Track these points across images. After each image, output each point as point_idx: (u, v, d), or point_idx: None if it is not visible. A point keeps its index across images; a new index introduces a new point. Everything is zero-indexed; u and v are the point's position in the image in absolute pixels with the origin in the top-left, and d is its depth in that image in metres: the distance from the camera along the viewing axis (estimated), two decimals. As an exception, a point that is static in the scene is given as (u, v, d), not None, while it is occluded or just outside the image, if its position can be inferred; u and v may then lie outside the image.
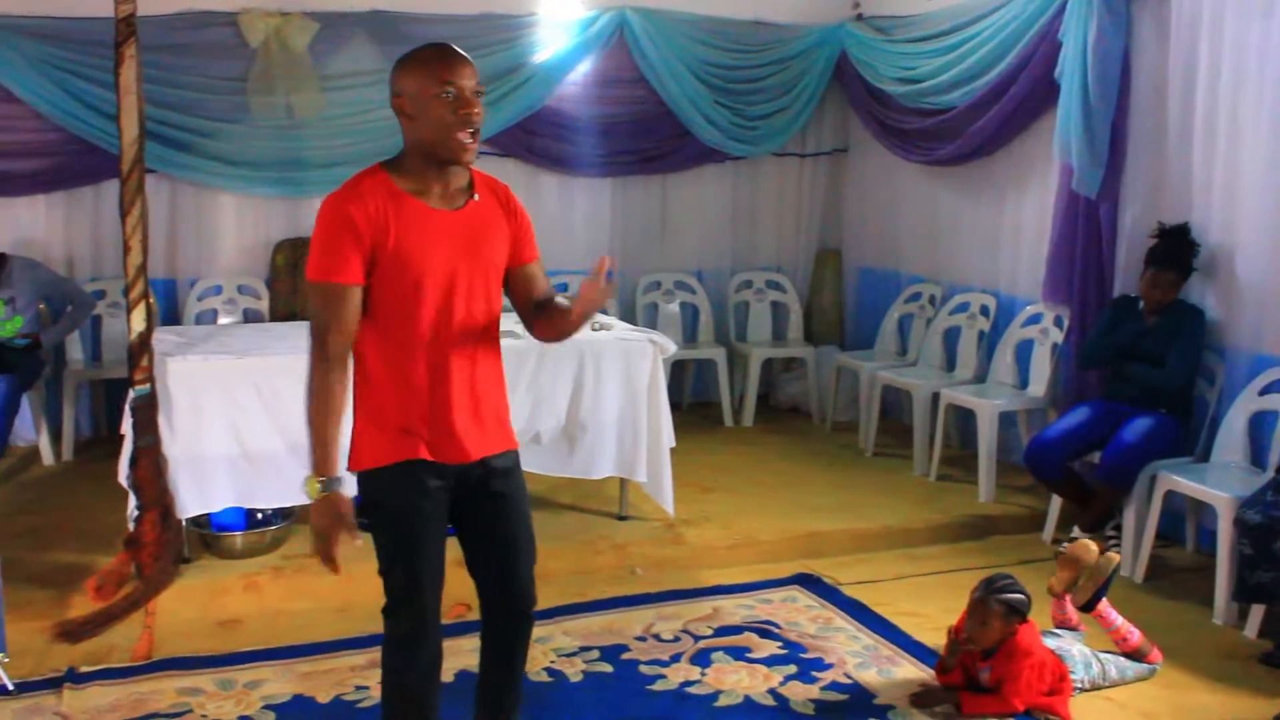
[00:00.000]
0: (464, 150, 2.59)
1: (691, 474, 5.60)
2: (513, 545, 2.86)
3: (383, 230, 2.58)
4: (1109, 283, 5.35)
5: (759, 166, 7.43)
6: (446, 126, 2.56)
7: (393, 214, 2.59)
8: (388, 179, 2.63)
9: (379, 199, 2.59)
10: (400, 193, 2.62)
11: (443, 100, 2.54)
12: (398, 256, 2.59)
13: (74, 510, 5.19)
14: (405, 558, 2.75)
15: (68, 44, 5.93)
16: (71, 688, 3.64)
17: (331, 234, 2.58)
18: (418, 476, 2.68)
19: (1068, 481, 5.02)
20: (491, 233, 2.73)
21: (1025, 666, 3.53)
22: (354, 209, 2.56)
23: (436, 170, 2.65)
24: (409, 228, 2.60)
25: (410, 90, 2.58)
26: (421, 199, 2.64)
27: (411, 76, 2.59)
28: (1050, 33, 5.43)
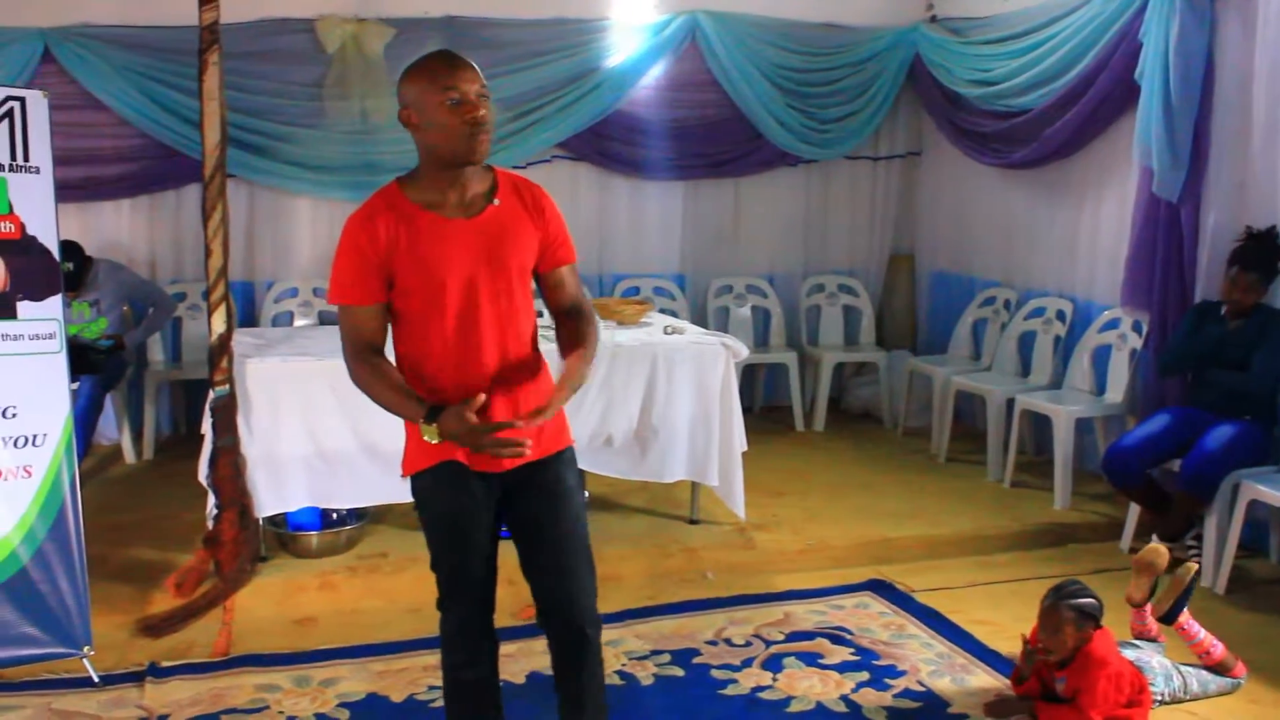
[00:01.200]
0: (474, 151, 2.59)
1: (762, 478, 5.58)
2: (567, 566, 2.84)
3: (392, 249, 2.60)
4: (1190, 288, 5.24)
5: (831, 170, 7.39)
6: (453, 130, 2.56)
7: (403, 231, 2.61)
8: (400, 195, 2.65)
9: (388, 219, 2.61)
10: (412, 207, 2.63)
11: (448, 106, 2.55)
12: (413, 271, 2.61)
13: (155, 508, 5.30)
14: (450, 554, 2.80)
15: (152, 52, 6.07)
16: (153, 682, 3.72)
17: (347, 256, 2.63)
18: (458, 475, 2.71)
19: (1147, 489, 4.93)
20: (514, 236, 2.71)
21: (1101, 677, 3.46)
22: (362, 233, 2.60)
23: (451, 177, 2.64)
24: (421, 241, 2.61)
25: (414, 100, 2.59)
26: (435, 210, 2.64)
27: (413, 86, 2.60)
28: (1130, 33, 5.34)
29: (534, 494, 2.80)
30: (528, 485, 2.78)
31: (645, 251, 7.05)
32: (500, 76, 6.47)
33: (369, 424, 4.54)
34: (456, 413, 2.50)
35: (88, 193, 6.20)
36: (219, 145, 4.23)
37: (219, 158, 4.24)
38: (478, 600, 2.85)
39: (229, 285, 4.35)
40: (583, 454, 4.14)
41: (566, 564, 2.84)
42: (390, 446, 4.50)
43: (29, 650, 3.65)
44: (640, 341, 4.92)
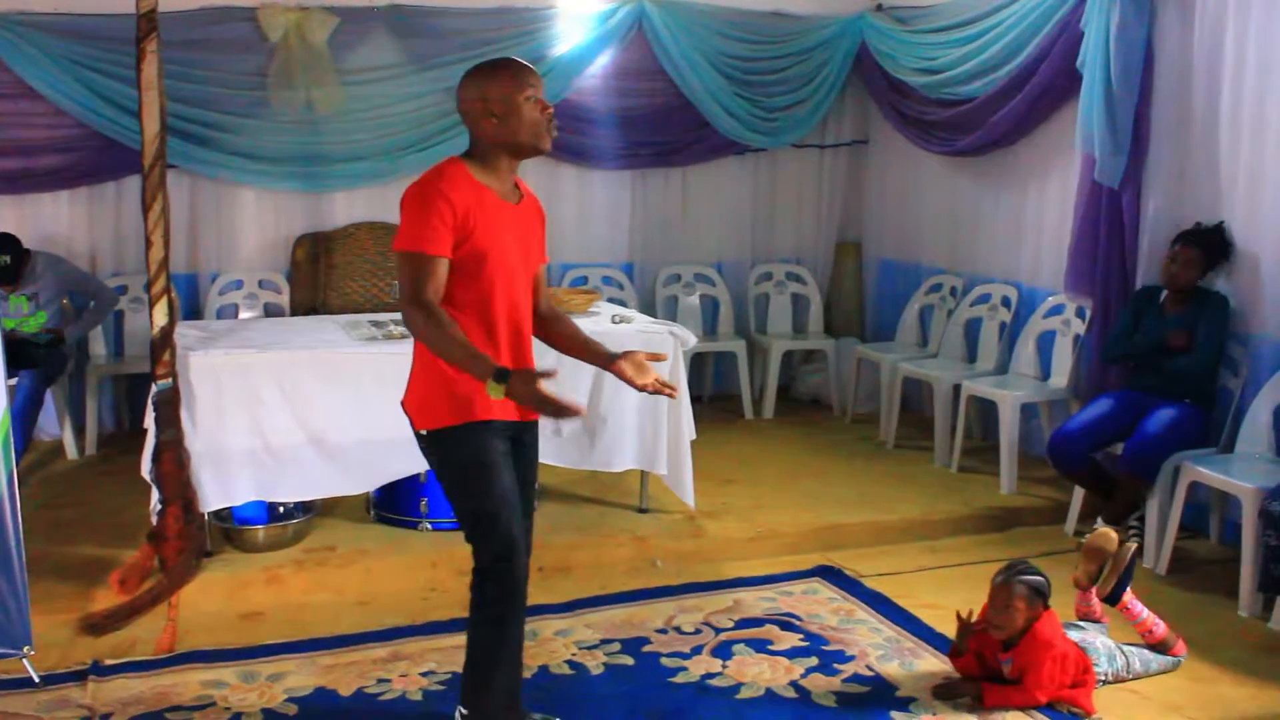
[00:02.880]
0: (548, 140, 2.99)
1: (712, 466, 5.59)
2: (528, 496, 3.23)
3: (467, 214, 2.90)
4: (1131, 273, 5.31)
5: (779, 158, 7.41)
6: (535, 123, 2.96)
7: (475, 201, 2.93)
8: (467, 171, 2.98)
9: (465, 187, 2.94)
10: (478, 184, 2.97)
11: (532, 103, 2.95)
12: (475, 239, 2.92)
13: (97, 504, 5.22)
14: (485, 498, 3.00)
15: (89, 40, 5.96)
16: (96, 680, 3.66)
17: (425, 211, 2.88)
18: (484, 428, 2.99)
19: (1090, 473, 4.99)
20: (535, 227, 3.15)
21: (1047, 658, 3.51)
22: (447, 190, 2.89)
23: (510, 166, 3.03)
24: (486, 215, 2.95)
25: (497, 95, 2.94)
26: (494, 190, 3.00)
27: (498, 84, 2.95)
28: (1072, 22, 5.39)
29: (523, 450, 3.17)
30: (520, 442, 3.14)
31: (593, 240, 7.04)
32: (446, 65, 6.43)
33: (315, 416, 4.52)
34: (529, 377, 2.77)
35: (25, 184, 6.08)
36: (159, 135, 4.17)
37: (159, 148, 4.17)
38: (514, 531, 3.01)
39: (171, 277, 4.29)
40: (531, 444, 4.13)
41: (530, 511, 3.23)
42: (337, 439, 4.52)
43: (-33, 650, 3.59)
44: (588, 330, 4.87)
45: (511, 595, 3.04)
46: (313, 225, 6.61)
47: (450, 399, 2.97)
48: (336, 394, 4.52)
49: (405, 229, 2.90)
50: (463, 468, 3.02)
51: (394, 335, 4.76)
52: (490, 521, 3.00)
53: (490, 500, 2.99)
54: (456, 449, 3.01)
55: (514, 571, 3.02)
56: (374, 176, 6.54)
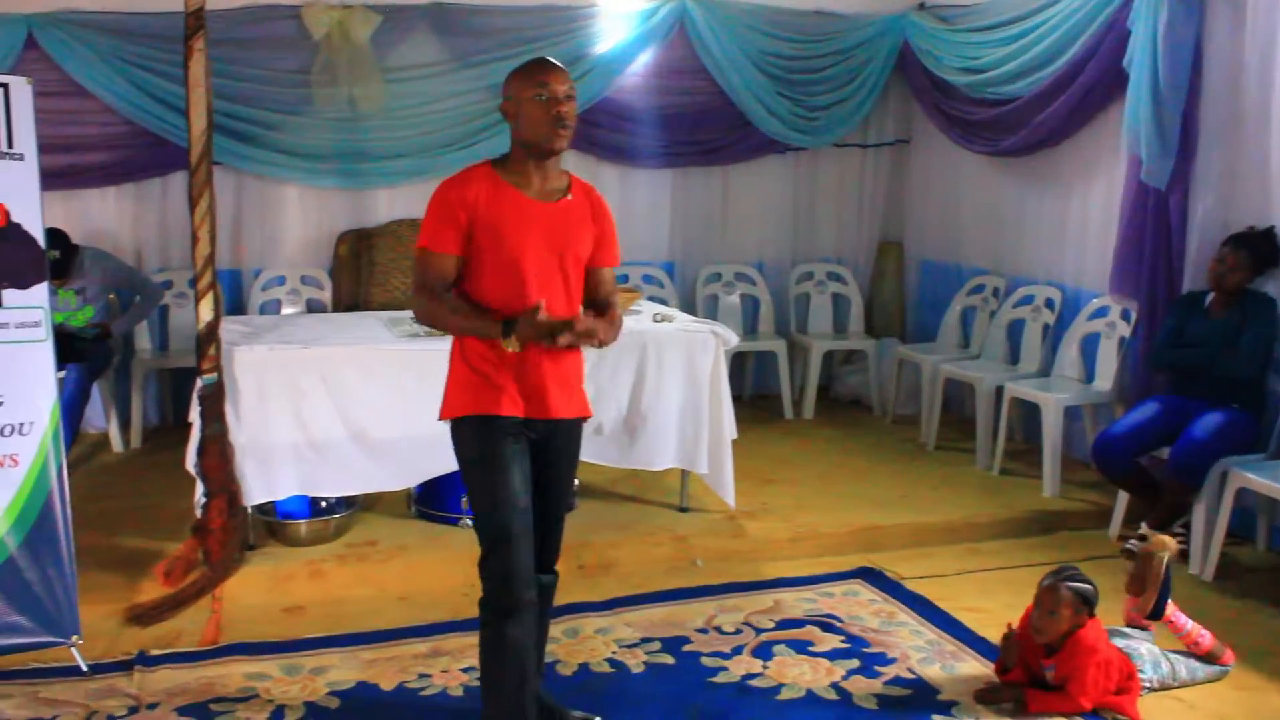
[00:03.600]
0: (556, 139, 2.95)
1: (752, 466, 5.58)
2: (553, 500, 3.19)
3: (476, 209, 2.96)
4: (1178, 276, 5.25)
5: (820, 157, 7.38)
6: (540, 121, 2.94)
7: (490, 199, 2.97)
8: (492, 171, 3.03)
9: (480, 185, 2.99)
10: (501, 182, 3.00)
11: (537, 100, 2.93)
12: (491, 234, 2.97)
13: (143, 497, 5.27)
14: (490, 502, 3.00)
15: (137, 38, 6.02)
16: (142, 670, 3.71)
17: (436, 211, 2.99)
18: (500, 426, 3.00)
19: (1135, 477, 4.94)
20: (576, 228, 3.09)
21: (1090, 664, 3.48)
22: (455, 193, 2.98)
23: (536, 165, 3.02)
24: (504, 211, 2.98)
25: (513, 94, 2.99)
26: (520, 188, 3.01)
27: (514, 82, 3.00)
28: (1118, 21, 5.33)
29: (557, 453, 3.16)
30: (552, 442, 3.12)
31: (634, 239, 7.01)
32: (487, 63, 6.45)
33: (358, 411, 4.54)
34: (528, 319, 2.87)
35: (74, 180, 6.14)
36: (205, 132, 4.20)
37: (205, 145, 4.21)
38: (524, 545, 3.00)
39: (216, 273, 4.32)
40: (573, 442, 4.14)
41: (558, 521, 3.25)
42: (379, 434, 4.54)
43: (17, 639, 3.64)
44: (629, 329, 4.87)
45: (503, 592, 2.98)
46: (355, 222, 6.65)
47: (462, 391, 3.05)
48: (378, 390, 4.54)
49: (422, 227, 3.03)
50: (467, 460, 3.08)
51: (436, 332, 4.76)
52: (484, 515, 3.02)
53: (485, 496, 3.01)
54: (465, 441, 3.07)
55: (505, 564, 2.97)
56: (416, 174, 6.56)
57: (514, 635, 2.99)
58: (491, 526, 3.01)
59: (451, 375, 3.10)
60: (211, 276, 4.27)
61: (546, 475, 3.14)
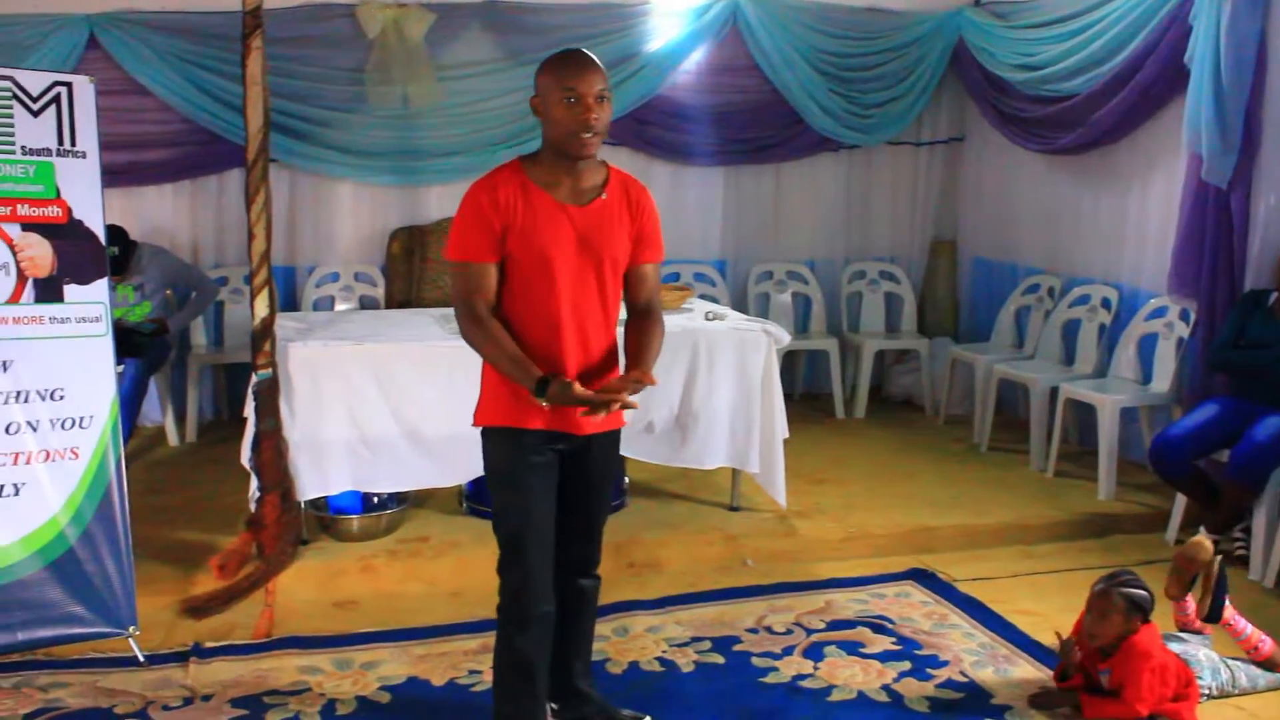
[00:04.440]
0: (583, 147, 2.82)
1: (803, 466, 5.55)
2: (591, 509, 3.16)
3: (510, 216, 2.85)
4: (1239, 276, 5.15)
5: (873, 155, 7.33)
6: (565, 126, 2.80)
7: (521, 203, 2.85)
8: (522, 172, 2.90)
9: (510, 189, 2.86)
10: (531, 185, 2.88)
11: (564, 103, 2.79)
12: (522, 240, 2.85)
13: (198, 490, 5.34)
14: (512, 517, 2.98)
15: (196, 37, 6.10)
16: (197, 662, 3.75)
17: (467, 218, 2.88)
18: (530, 441, 2.93)
19: (1194, 480, 4.86)
20: (611, 230, 2.96)
21: (1145, 669, 3.42)
22: (486, 197, 2.86)
23: (567, 166, 2.89)
24: (534, 216, 2.86)
25: (541, 91, 2.85)
26: (550, 192, 2.89)
27: (543, 79, 2.85)
28: (1180, 16, 5.25)
29: (591, 465, 3.07)
30: (586, 455, 3.04)
31: (686, 237, 7.01)
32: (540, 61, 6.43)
33: (410, 408, 4.56)
34: (565, 384, 2.78)
35: (132, 177, 6.24)
36: (262, 130, 4.24)
37: (262, 142, 4.25)
38: (539, 561, 2.98)
39: (271, 270, 4.36)
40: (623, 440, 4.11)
41: (596, 528, 3.22)
42: (432, 431, 4.56)
43: (76, 629, 3.69)
44: (681, 328, 4.89)
45: (515, 606, 2.99)
46: (408, 219, 6.69)
47: (493, 400, 2.97)
48: (431, 386, 4.56)
49: (452, 237, 2.91)
50: (492, 470, 3.03)
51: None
52: (503, 528, 2.99)
53: (505, 509, 2.99)
54: (492, 451, 3.02)
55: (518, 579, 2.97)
56: (468, 171, 6.52)
57: (522, 647, 3.01)
58: (508, 540, 2.99)
59: (484, 382, 3.03)
60: (267, 273, 4.31)
61: (583, 486, 3.09)
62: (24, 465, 3.59)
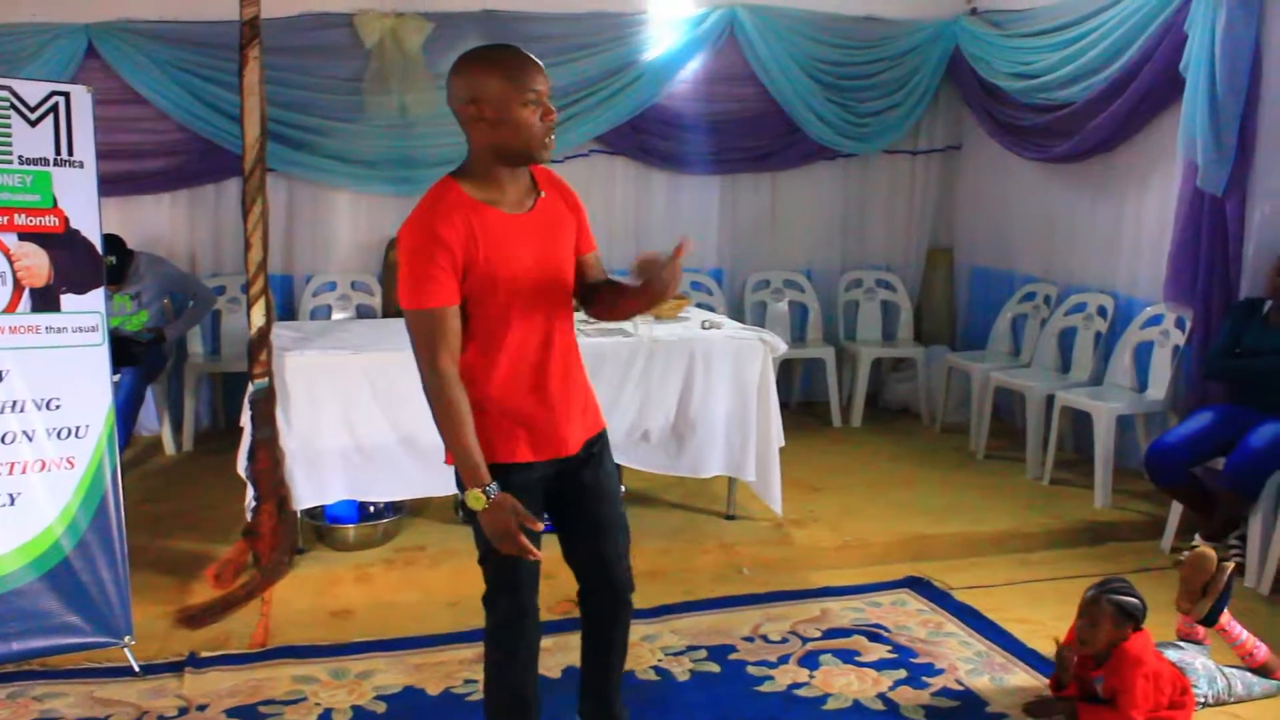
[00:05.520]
0: (547, 149, 2.66)
1: (799, 474, 5.56)
2: (605, 528, 2.94)
3: (473, 245, 2.60)
4: (1235, 283, 5.17)
5: (870, 164, 7.34)
6: (530, 129, 2.60)
7: (478, 227, 2.61)
8: (462, 192, 2.65)
9: (463, 213, 2.61)
10: (477, 203, 2.64)
11: (529, 106, 2.59)
12: (485, 269, 2.62)
13: (194, 499, 5.34)
14: (499, 561, 2.77)
15: (194, 47, 6.11)
16: (192, 672, 3.75)
17: (423, 258, 2.57)
18: (515, 475, 2.73)
19: (1189, 488, 4.87)
20: (561, 228, 2.79)
21: (1138, 676, 3.41)
22: (442, 228, 2.57)
23: (509, 174, 2.69)
24: (491, 238, 2.63)
25: (492, 96, 2.58)
26: (497, 207, 2.67)
27: (493, 81, 2.58)
28: (1175, 25, 5.26)
29: (584, 484, 2.89)
30: (577, 475, 2.87)
31: (683, 245, 7.00)
32: (538, 70, 6.46)
33: (407, 417, 4.56)
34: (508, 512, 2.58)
35: (129, 186, 6.25)
36: (259, 139, 4.25)
37: (259, 152, 4.26)
38: (527, 594, 2.87)
39: (268, 279, 4.37)
40: (619, 448, 4.14)
41: (614, 536, 2.97)
42: (428, 440, 4.52)
43: (71, 639, 3.69)
44: (678, 336, 4.91)
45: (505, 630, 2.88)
46: (405, 228, 6.68)
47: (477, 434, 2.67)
48: (427, 395, 4.56)
49: (404, 283, 2.60)
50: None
51: (484, 338, 4.79)
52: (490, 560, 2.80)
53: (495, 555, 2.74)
54: None
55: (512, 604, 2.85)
56: (465, 180, 6.60)
57: (512, 679, 2.92)
58: (496, 575, 2.83)
59: None
60: (263, 282, 4.32)
61: (593, 497, 2.90)
62: (19, 475, 3.60)
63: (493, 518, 2.61)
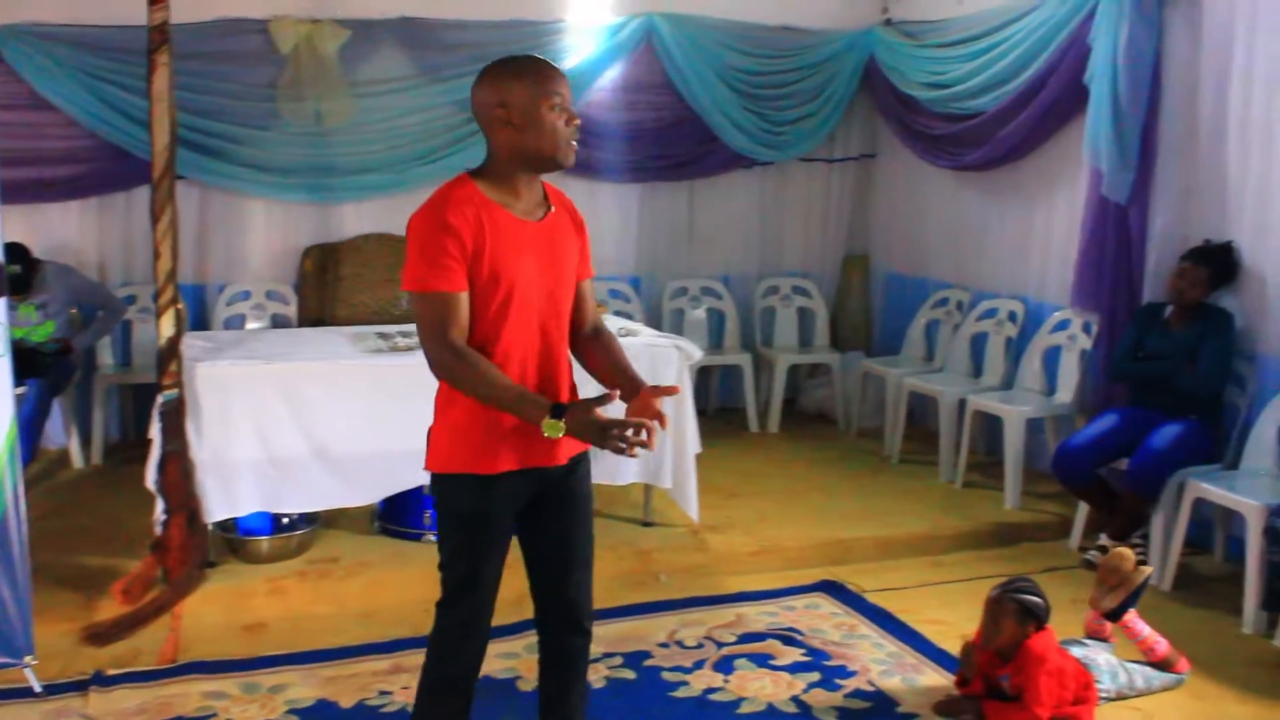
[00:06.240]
0: (570, 155, 2.69)
1: (716, 480, 5.59)
2: (574, 549, 2.89)
3: (480, 238, 2.62)
4: (1138, 288, 5.31)
5: (786, 172, 7.41)
6: (558, 134, 2.64)
7: (487, 222, 2.63)
8: (477, 189, 2.67)
9: (474, 207, 2.63)
10: (490, 202, 2.66)
11: (554, 111, 2.63)
12: (491, 266, 2.63)
13: (102, 514, 5.23)
14: (470, 558, 2.77)
15: (102, 52, 5.99)
16: (98, 690, 3.67)
17: (434, 242, 2.59)
18: (491, 488, 2.71)
19: (1095, 488, 4.98)
20: (567, 245, 2.80)
21: (1041, 673, 3.49)
22: (454, 217, 2.60)
23: (527, 181, 2.72)
24: (500, 237, 2.64)
25: (518, 102, 2.62)
26: (509, 209, 2.69)
27: (520, 88, 2.63)
28: (1080, 37, 5.39)
29: (561, 504, 2.84)
30: (555, 494, 2.82)
31: (600, 253, 6.90)
32: (456, 78, 6.45)
33: (321, 428, 4.52)
34: (587, 408, 2.52)
35: (36, 194, 6.10)
36: (168, 147, 4.18)
37: (168, 159, 4.19)
38: (484, 604, 2.83)
39: (179, 288, 4.30)
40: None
41: (580, 570, 2.91)
42: (342, 450, 4.53)
43: (-31, 659, 3.60)
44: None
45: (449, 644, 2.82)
46: (321, 237, 6.63)
47: (460, 443, 2.69)
48: (342, 406, 4.53)
49: (413, 265, 2.61)
50: (452, 514, 2.77)
51: (400, 347, 4.77)
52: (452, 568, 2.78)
53: (460, 565, 2.75)
54: (454, 495, 2.75)
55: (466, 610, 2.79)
56: (383, 188, 6.56)
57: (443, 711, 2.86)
58: (458, 585, 2.77)
59: (445, 422, 2.73)
60: (173, 292, 4.25)
61: (567, 517, 2.85)
62: (-84, 490, 3.51)
63: (581, 423, 2.53)
